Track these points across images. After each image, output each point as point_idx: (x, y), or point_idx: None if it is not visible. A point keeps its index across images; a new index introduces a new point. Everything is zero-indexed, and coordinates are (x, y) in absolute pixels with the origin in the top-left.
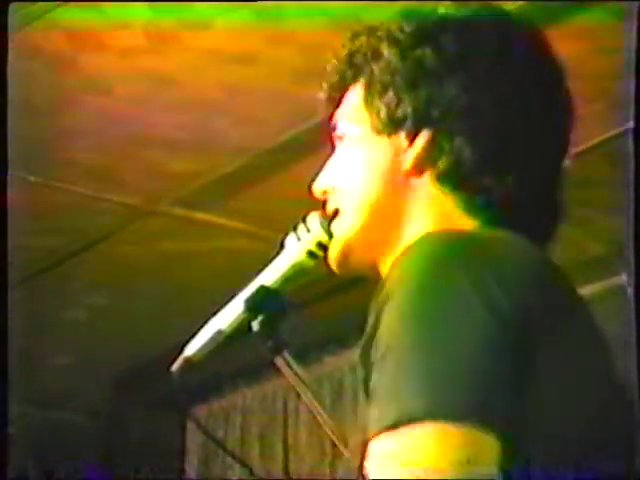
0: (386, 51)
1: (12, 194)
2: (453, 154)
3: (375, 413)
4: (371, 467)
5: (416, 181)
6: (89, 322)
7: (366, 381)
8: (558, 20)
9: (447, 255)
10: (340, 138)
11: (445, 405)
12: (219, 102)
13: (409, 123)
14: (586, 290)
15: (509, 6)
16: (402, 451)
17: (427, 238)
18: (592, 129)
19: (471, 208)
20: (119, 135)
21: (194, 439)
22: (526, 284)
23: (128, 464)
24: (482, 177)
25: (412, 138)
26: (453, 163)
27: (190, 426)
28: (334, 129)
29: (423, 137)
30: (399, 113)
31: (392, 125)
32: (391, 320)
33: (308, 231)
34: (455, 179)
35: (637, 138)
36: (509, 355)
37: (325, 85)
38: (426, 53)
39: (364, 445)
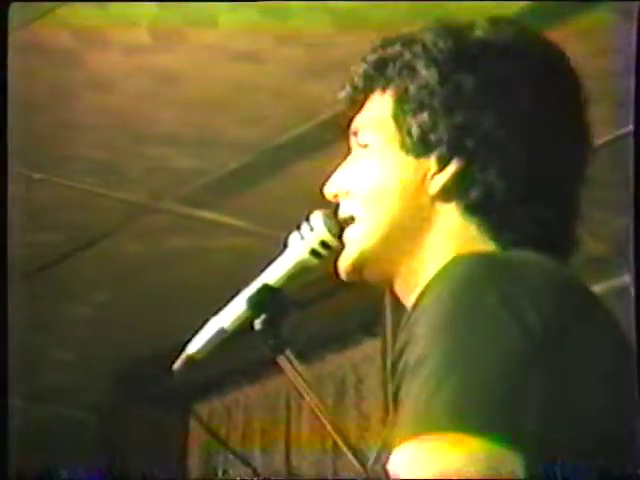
0: (424, 70)
1: (14, 190)
2: (485, 185)
3: (402, 422)
4: (394, 473)
5: (442, 206)
6: (92, 319)
7: (396, 395)
8: (560, 20)
9: (478, 275)
10: (363, 146)
11: (473, 419)
12: (223, 100)
13: (442, 149)
14: None
15: (512, 7)
16: (425, 459)
17: (457, 260)
18: (595, 129)
19: (497, 236)
20: (123, 132)
21: (196, 437)
22: (553, 300)
23: (130, 461)
24: (512, 209)
25: (443, 164)
26: (484, 194)
27: (192, 424)
28: (355, 134)
29: (455, 165)
30: (433, 137)
31: (423, 147)
32: (423, 335)
33: (312, 230)
34: (484, 210)
35: (637, 136)
36: (538, 370)
37: (348, 86)
38: (466, 79)
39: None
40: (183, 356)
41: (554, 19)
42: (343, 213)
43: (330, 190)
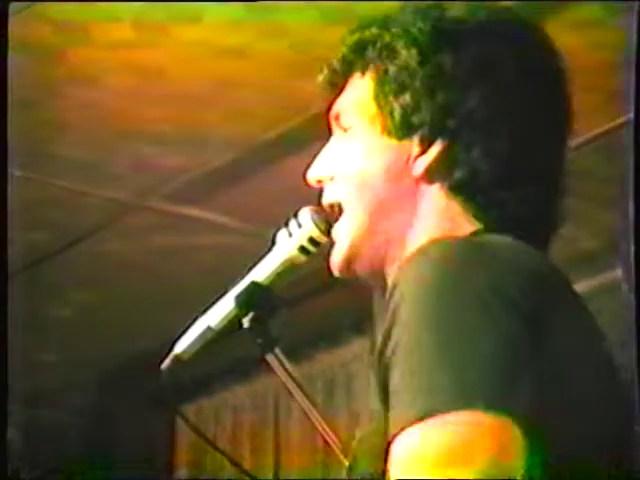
0: (404, 51)
1: None
2: (469, 165)
3: (398, 411)
4: (398, 463)
5: (426, 187)
6: (76, 319)
7: (382, 384)
8: (555, 13)
9: (461, 256)
10: (344, 129)
11: (474, 395)
12: (208, 96)
13: (425, 130)
14: (581, 286)
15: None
16: (432, 442)
17: (437, 243)
18: (587, 122)
19: (482, 217)
20: (107, 129)
21: (184, 437)
22: (536, 281)
23: (116, 463)
24: (497, 189)
25: (426, 145)
26: (468, 174)
27: (180, 424)
28: (336, 118)
29: (438, 146)
30: (415, 119)
31: (406, 129)
32: (410, 320)
33: (300, 227)
34: (469, 190)
35: (637, 131)
36: (527, 349)
37: (326, 70)
38: (447, 59)
39: (379, 447)
40: (171, 356)
41: (550, 12)
42: (328, 199)
43: (314, 175)
